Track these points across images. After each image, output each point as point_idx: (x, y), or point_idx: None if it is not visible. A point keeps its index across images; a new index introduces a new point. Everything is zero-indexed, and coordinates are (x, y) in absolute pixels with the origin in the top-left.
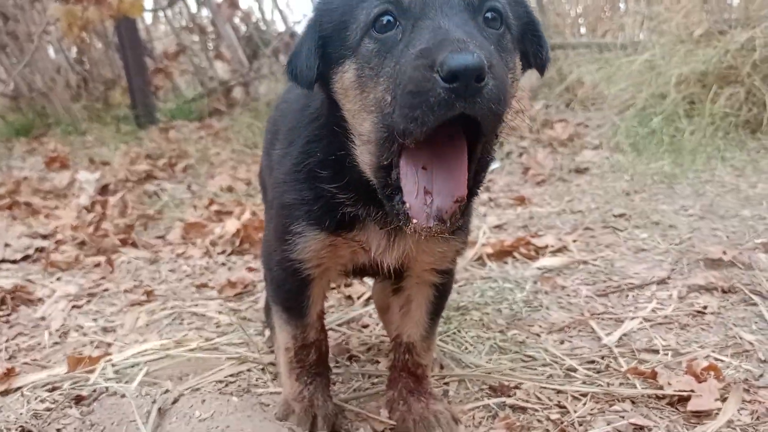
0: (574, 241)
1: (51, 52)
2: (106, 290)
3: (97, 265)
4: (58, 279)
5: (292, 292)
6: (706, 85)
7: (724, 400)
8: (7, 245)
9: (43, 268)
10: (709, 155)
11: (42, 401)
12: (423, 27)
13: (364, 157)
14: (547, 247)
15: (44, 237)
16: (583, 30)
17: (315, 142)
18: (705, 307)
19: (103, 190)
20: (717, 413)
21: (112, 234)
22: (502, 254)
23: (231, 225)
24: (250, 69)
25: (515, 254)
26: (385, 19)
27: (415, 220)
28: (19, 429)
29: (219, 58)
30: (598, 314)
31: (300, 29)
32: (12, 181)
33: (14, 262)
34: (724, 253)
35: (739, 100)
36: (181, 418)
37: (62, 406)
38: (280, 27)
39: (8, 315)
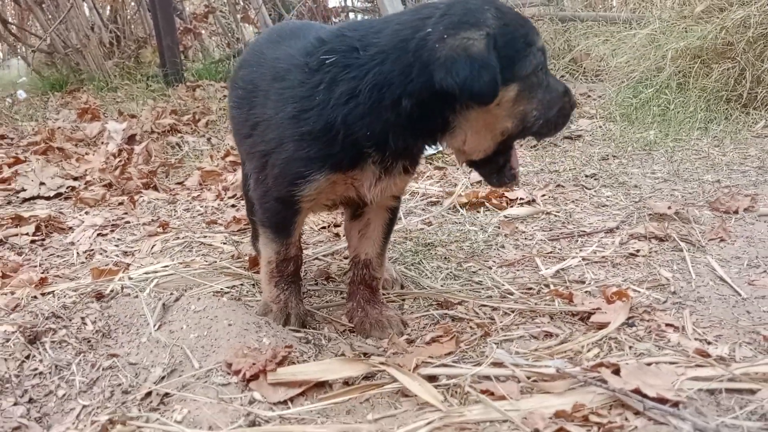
0: (543, 195)
1: (86, 9)
2: (127, 222)
3: (121, 203)
4: (86, 213)
5: (283, 219)
6: (702, 60)
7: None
8: (42, 184)
9: (74, 204)
10: (694, 126)
11: (69, 298)
12: (551, 77)
13: (481, 144)
14: (517, 199)
15: (75, 179)
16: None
17: (359, 119)
18: (638, 251)
19: (130, 139)
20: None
21: (136, 178)
22: (475, 204)
23: (241, 173)
24: None
25: (487, 204)
26: (541, 66)
27: (516, 180)
28: (51, 314)
29: (246, 21)
30: (546, 253)
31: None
32: (47, 129)
33: (48, 198)
34: (669, 208)
35: (733, 75)
36: (180, 311)
37: (86, 301)
38: None
39: (42, 240)
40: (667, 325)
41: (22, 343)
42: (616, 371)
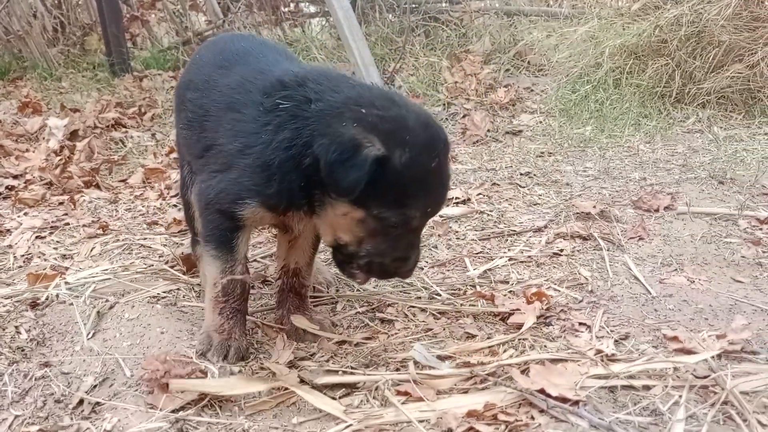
0: (479, 194)
1: None
2: (67, 224)
3: (61, 203)
4: (25, 214)
5: (225, 233)
6: (638, 57)
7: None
8: None
9: (12, 205)
10: (628, 123)
11: (3, 306)
12: (410, 240)
13: (326, 232)
14: (452, 198)
15: (14, 177)
16: None
17: (293, 168)
18: (561, 250)
19: (73, 135)
20: None
21: (77, 176)
22: None
23: (180, 176)
24: (224, 21)
25: None
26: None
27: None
28: None
29: (194, 8)
30: (475, 253)
31: None
32: None
33: None
34: (594, 207)
35: (667, 72)
36: (114, 319)
37: (20, 309)
38: None
39: None
40: (580, 323)
41: None
42: (525, 371)
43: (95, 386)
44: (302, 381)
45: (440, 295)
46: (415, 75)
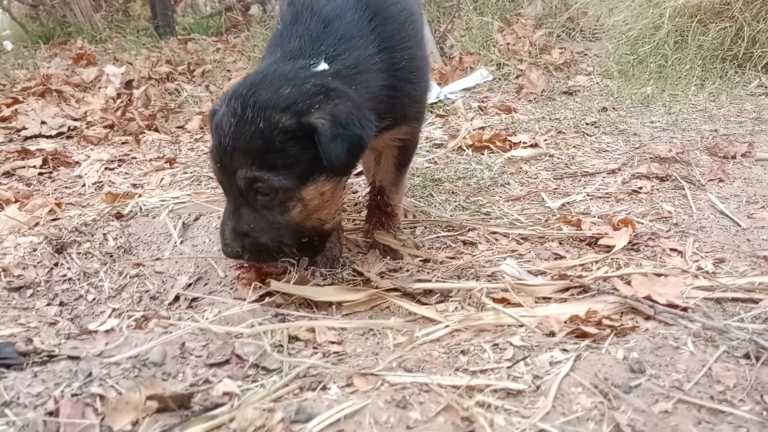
0: (546, 140)
1: None
2: (134, 158)
3: (125, 142)
4: (92, 150)
5: None
6: (700, 20)
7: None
8: (43, 123)
9: (77, 142)
10: (690, 83)
11: (89, 216)
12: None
13: None
14: (520, 143)
15: (76, 120)
16: None
17: None
18: (640, 188)
19: (128, 85)
20: None
21: (138, 119)
22: (480, 147)
23: None
24: None
25: (491, 146)
26: None
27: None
28: (74, 230)
29: None
30: (551, 190)
31: None
32: (41, 75)
33: (50, 137)
34: (669, 151)
35: (730, 35)
36: (201, 228)
37: (106, 219)
38: None
39: (50, 173)
40: (671, 249)
41: (50, 253)
42: (627, 283)
43: (190, 284)
44: (395, 290)
45: (521, 222)
46: (466, 35)
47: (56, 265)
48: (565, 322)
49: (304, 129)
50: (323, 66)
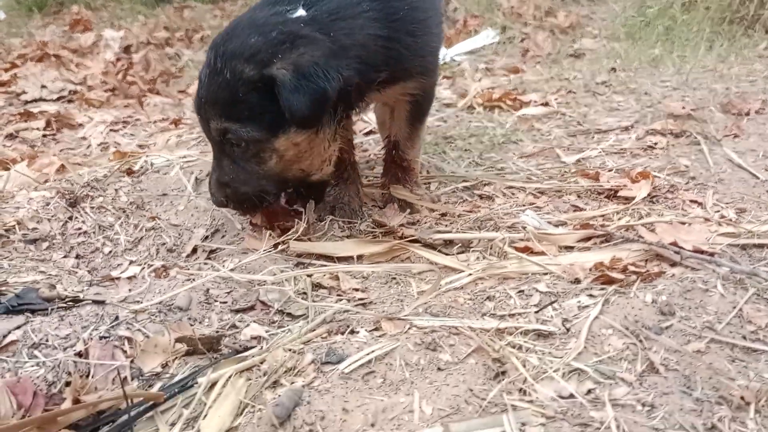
0: (556, 99)
1: None
2: (138, 120)
3: (127, 105)
4: (94, 112)
5: None
6: None
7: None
8: (43, 87)
9: (79, 105)
10: (699, 45)
11: (100, 172)
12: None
13: None
14: (531, 102)
15: (76, 84)
16: None
17: None
18: (656, 144)
19: (126, 50)
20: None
21: (140, 82)
22: (490, 105)
23: None
24: None
25: (502, 105)
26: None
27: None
28: (86, 185)
29: None
30: (564, 146)
31: None
32: (38, 42)
33: (51, 101)
34: (683, 108)
35: None
36: None
37: (117, 175)
38: None
39: (54, 134)
40: (691, 200)
41: (63, 207)
42: (651, 231)
43: (207, 237)
44: (415, 241)
45: (537, 176)
46: None
47: (70, 218)
48: (590, 270)
49: (266, 80)
50: (300, 12)
